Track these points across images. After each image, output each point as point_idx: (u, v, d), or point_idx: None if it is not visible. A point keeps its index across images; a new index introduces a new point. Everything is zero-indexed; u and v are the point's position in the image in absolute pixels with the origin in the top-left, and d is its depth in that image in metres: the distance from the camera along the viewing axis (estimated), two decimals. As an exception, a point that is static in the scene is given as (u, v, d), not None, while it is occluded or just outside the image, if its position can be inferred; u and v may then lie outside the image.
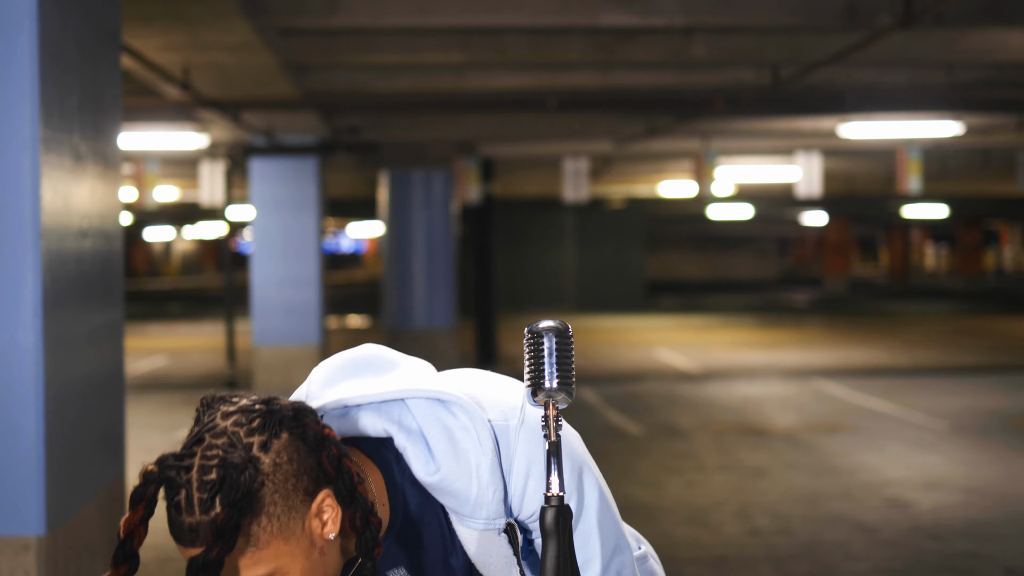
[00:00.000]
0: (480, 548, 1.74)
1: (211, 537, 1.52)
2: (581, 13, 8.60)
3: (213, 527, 1.52)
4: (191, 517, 1.53)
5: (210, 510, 1.52)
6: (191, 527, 1.53)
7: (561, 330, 1.66)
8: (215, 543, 1.51)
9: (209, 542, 1.52)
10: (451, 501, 1.73)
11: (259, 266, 14.37)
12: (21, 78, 3.59)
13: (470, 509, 1.72)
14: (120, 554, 1.55)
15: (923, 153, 18.09)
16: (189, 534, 1.54)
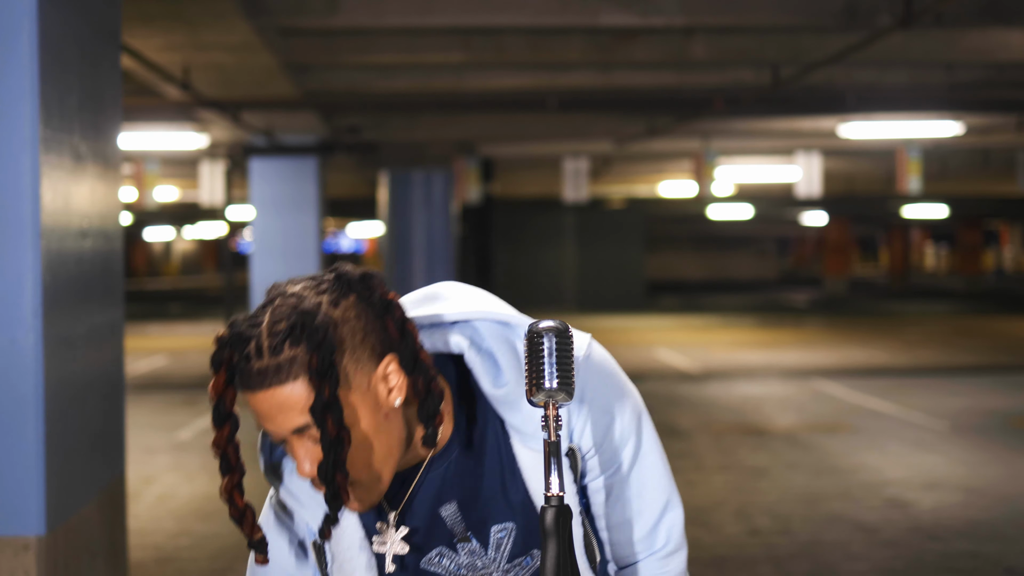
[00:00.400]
0: (536, 467, 1.77)
1: (315, 381, 1.59)
2: (581, 13, 8.61)
3: (310, 370, 1.59)
4: (259, 361, 1.60)
5: (279, 353, 1.60)
6: (259, 371, 1.60)
7: (561, 330, 1.66)
8: (321, 383, 1.59)
9: (315, 384, 1.59)
10: (515, 417, 1.76)
11: (259, 266, 14.38)
12: (21, 78, 3.59)
13: (533, 427, 1.76)
14: (217, 416, 1.65)
15: (923, 153, 18.10)
16: (257, 377, 1.60)
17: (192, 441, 10.93)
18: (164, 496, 8.49)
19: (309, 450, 1.65)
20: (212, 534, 7.39)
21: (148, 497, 8.44)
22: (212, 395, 1.65)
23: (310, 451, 1.65)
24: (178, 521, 7.73)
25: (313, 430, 1.63)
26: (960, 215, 37.31)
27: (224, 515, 7.85)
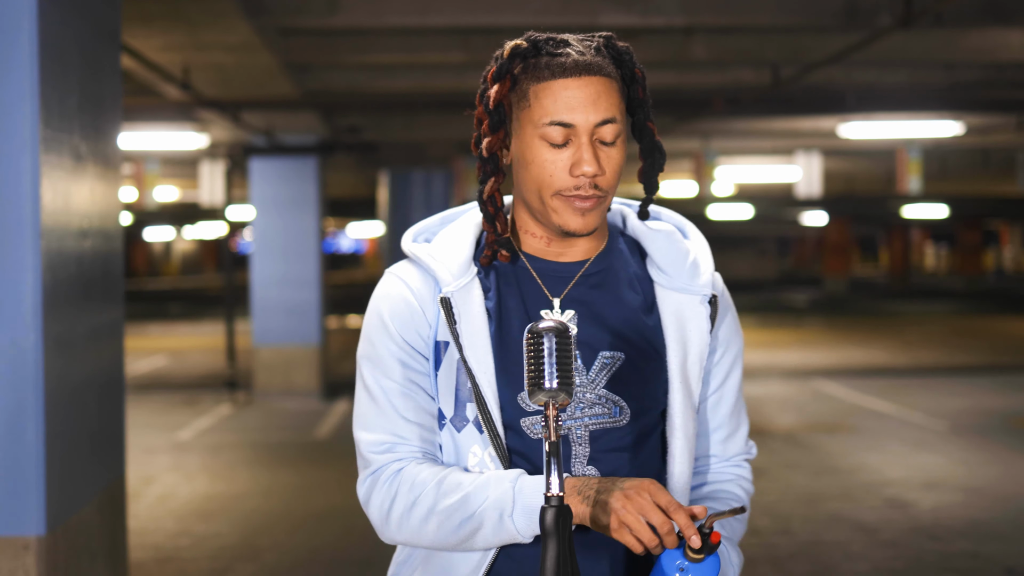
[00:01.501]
0: (677, 315, 1.95)
1: (623, 87, 1.89)
2: (581, 13, 8.61)
3: (623, 76, 1.89)
4: (583, 57, 1.84)
5: (599, 54, 1.86)
6: (587, 62, 1.84)
7: (561, 330, 1.66)
8: (631, 87, 1.91)
9: (624, 90, 1.90)
10: (658, 254, 1.99)
11: (259, 266, 14.38)
12: (21, 78, 3.59)
13: (674, 269, 1.98)
14: (498, 119, 1.88)
15: (923, 153, 18.10)
16: (584, 65, 1.84)
17: (192, 441, 10.93)
18: (164, 496, 8.49)
19: (604, 156, 1.85)
20: (212, 534, 7.39)
21: (148, 497, 8.44)
22: (493, 100, 1.86)
23: (605, 157, 1.85)
24: (178, 521, 7.72)
25: (610, 131, 1.84)
26: (960, 215, 37.29)
27: (224, 515, 7.86)
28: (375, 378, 1.92)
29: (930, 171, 22.45)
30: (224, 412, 12.84)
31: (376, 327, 1.95)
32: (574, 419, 1.88)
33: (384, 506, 1.88)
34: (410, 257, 1.98)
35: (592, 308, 1.93)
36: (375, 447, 1.90)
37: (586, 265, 1.95)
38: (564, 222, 1.87)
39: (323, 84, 11.83)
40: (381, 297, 1.97)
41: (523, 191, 1.91)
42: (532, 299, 1.92)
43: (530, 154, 1.86)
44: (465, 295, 1.90)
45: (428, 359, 1.91)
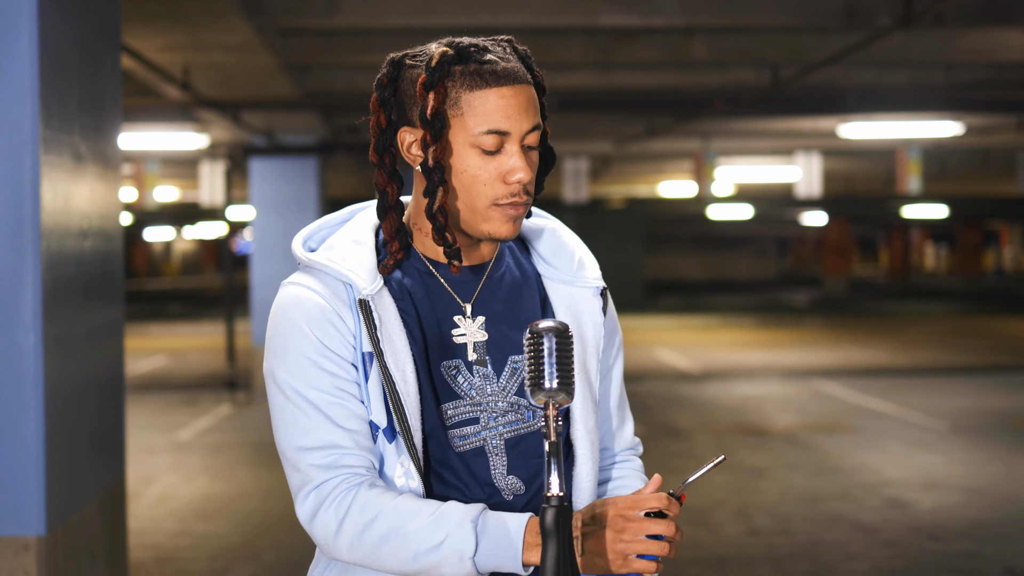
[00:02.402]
0: (570, 308, 1.96)
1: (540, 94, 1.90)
2: (581, 13, 8.61)
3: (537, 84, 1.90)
4: (509, 63, 1.85)
5: (520, 62, 1.88)
6: (516, 69, 1.85)
7: (561, 330, 1.66)
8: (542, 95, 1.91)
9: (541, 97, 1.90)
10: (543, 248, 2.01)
11: (259, 266, 14.38)
12: (21, 78, 3.59)
13: (558, 261, 1.99)
14: (438, 126, 1.85)
15: (923, 153, 18.09)
16: (515, 73, 1.85)
17: (192, 441, 10.93)
18: (164, 496, 8.49)
19: (529, 161, 1.87)
20: (212, 534, 7.39)
21: (148, 497, 8.44)
22: (433, 108, 1.84)
23: (530, 163, 1.87)
24: (178, 521, 7.72)
25: (536, 137, 1.87)
26: (960, 215, 37.30)
27: (224, 515, 7.86)
28: (299, 390, 1.85)
29: (930, 171, 22.44)
30: (224, 412, 12.84)
31: (292, 337, 1.87)
32: (488, 430, 1.87)
33: (331, 525, 1.81)
34: (307, 266, 1.92)
35: (499, 312, 1.92)
36: (315, 460, 1.82)
37: (488, 268, 1.94)
38: (495, 230, 1.86)
39: (323, 84, 11.83)
40: (291, 308, 1.89)
41: (448, 200, 1.88)
42: (443, 305, 1.90)
43: (461, 163, 1.85)
44: (380, 300, 1.86)
45: (355, 366, 1.85)
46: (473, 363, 1.89)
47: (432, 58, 1.85)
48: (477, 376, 1.89)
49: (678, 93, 12.29)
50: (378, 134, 1.92)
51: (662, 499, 1.74)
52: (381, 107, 1.91)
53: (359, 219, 1.97)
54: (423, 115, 1.85)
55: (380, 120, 1.91)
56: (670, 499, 1.74)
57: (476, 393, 1.88)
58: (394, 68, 1.90)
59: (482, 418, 1.87)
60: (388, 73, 1.90)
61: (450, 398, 1.87)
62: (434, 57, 1.85)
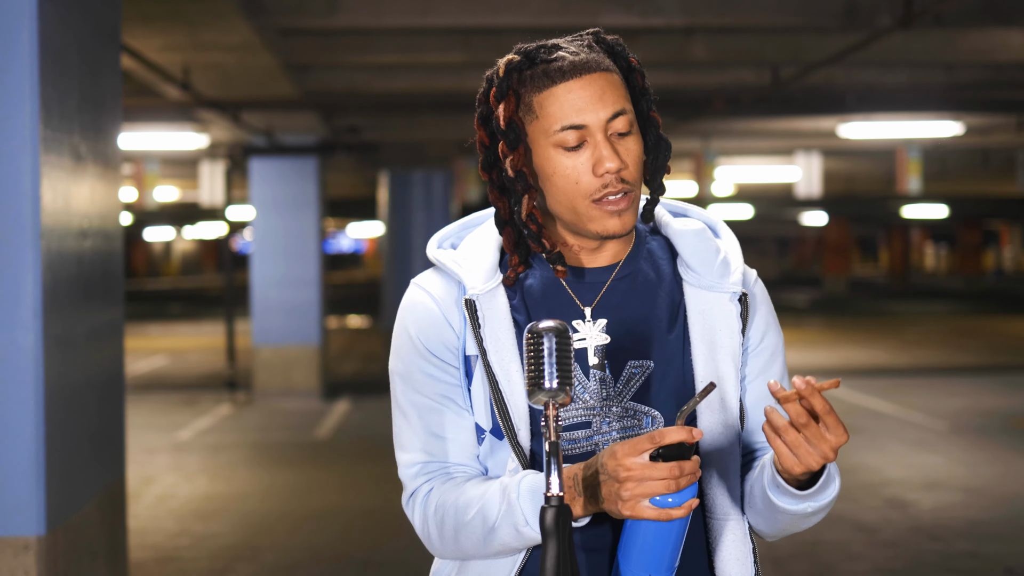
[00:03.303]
0: (705, 315, 1.90)
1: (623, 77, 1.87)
2: (581, 13, 8.61)
3: (621, 66, 1.87)
4: (577, 56, 1.83)
5: (592, 50, 1.85)
6: (584, 60, 1.82)
7: (561, 330, 1.66)
8: (631, 75, 1.88)
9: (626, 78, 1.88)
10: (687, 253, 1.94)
11: (259, 266, 14.38)
12: (21, 78, 3.59)
13: (703, 267, 1.92)
14: (515, 137, 1.83)
15: (923, 153, 18.11)
16: (582, 64, 1.82)
17: (192, 441, 10.93)
18: (164, 496, 8.49)
19: (623, 149, 1.83)
20: (212, 534, 7.39)
21: (148, 497, 8.44)
22: (506, 118, 1.82)
23: (623, 150, 1.83)
24: (178, 521, 7.73)
25: (623, 122, 1.82)
26: (960, 215, 37.29)
27: (224, 515, 7.86)
28: (406, 395, 1.89)
29: (930, 171, 22.46)
30: (224, 412, 12.84)
31: (403, 341, 1.90)
32: (600, 434, 1.85)
33: (424, 529, 1.87)
34: (435, 264, 1.94)
35: (622, 315, 1.88)
36: (408, 468, 1.89)
37: (615, 270, 1.91)
38: (602, 227, 1.83)
39: (323, 84, 11.83)
40: (406, 309, 1.92)
41: (551, 204, 1.86)
42: (562, 309, 1.88)
43: (549, 166, 1.83)
44: (490, 300, 1.86)
45: (458, 369, 1.87)
46: (591, 367, 1.86)
47: (499, 68, 1.85)
48: (593, 380, 1.86)
49: (678, 93, 12.28)
50: (483, 151, 1.89)
51: (653, 437, 1.68)
52: (482, 125, 1.89)
53: (489, 223, 1.97)
54: (496, 125, 1.85)
55: (483, 138, 1.89)
56: (662, 433, 1.67)
57: (590, 397, 1.85)
58: (489, 84, 1.89)
59: (594, 422, 1.85)
60: (486, 91, 1.89)
61: None
62: (500, 67, 1.85)
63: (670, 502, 1.68)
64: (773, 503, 1.82)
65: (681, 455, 1.69)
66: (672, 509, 1.68)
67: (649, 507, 1.68)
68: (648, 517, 1.69)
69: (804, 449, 1.70)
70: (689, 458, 1.69)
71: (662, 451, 1.69)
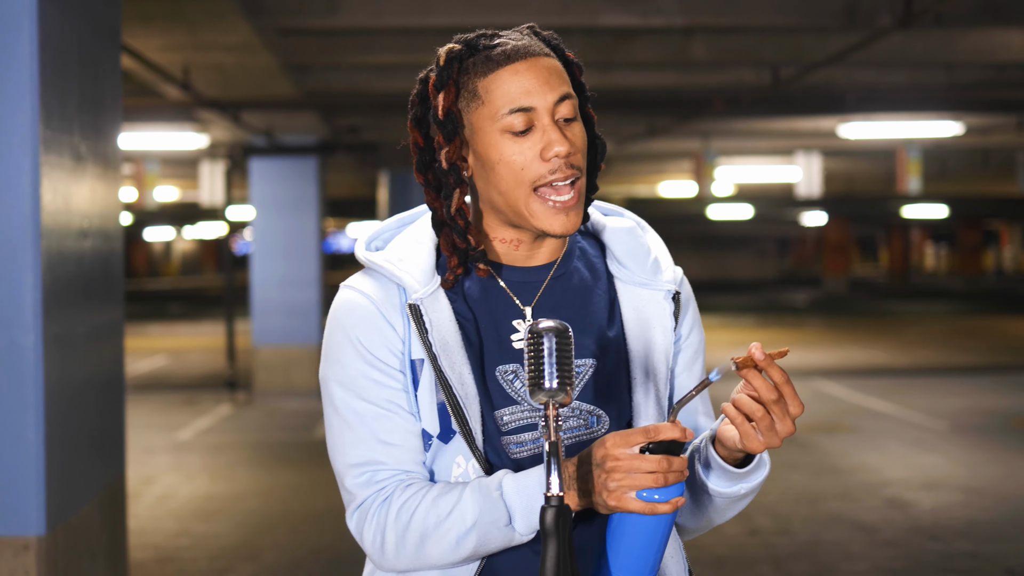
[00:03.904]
0: (639, 311, 1.89)
1: (565, 63, 1.86)
2: (581, 13, 8.61)
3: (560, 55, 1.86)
4: (521, 40, 1.83)
5: (533, 38, 1.86)
6: (527, 45, 1.82)
7: (561, 330, 1.66)
8: (571, 65, 1.87)
9: (567, 65, 1.86)
10: (617, 247, 1.93)
11: (259, 266, 14.38)
12: (21, 79, 3.59)
13: (634, 264, 1.91)
14: (452, 128, 1.80)
15: (923, 153, 18.11)
16: (525, 48, 1.81)
17: (192, 441, 10.93)
18: (164, 496, 8.49)
19: (570, 134, 1.80)
20: (212, 534, 7.39)
21: (148, 497, 8.44)
22: (444, 108, 1.79)
23: (571, 136, 1.80)
24: (178, 521, 7.73)
25: (569, 107, 1.79)
26: (960, 215, 37.30)
27: (224, 515, 7.86)
28: (347, 402, 1.81)
29: (930, 171, 22.45)
30: (224, 412, 12.85)
31: (342, 346, 1.82)
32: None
33: (376, 540, 1.80)
34: (367, 267, 1.88)
35: (562, 315, 1.85)
36: (356, 479, 1.81)
37: (553, 268, 1.88)
38: (547, 226, 1.79)
39: (323, 84, 11.83)
40: (343, 313, 1.84)
41: (492, 196, 1.82)
42: (501, 309, 1.84)
43: (495, 153, 1.79)
44: (433, 302, 1.81)
45: (404, 375, 1.81)
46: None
47: (439, 57, 1.82)
48: None
49: (678, 93, 12.29)
50: (418, 154, 1.86)
51: (648, 431, 1.67)
52: (416, 126, 1.86)
53: (423, 220, 1.92)
54: (435, 116, 1.81)
55: (417, 139, 1.86)
56: (656, 429, 1.67)
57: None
58: (424, 85, 1.87)
59: (541, 424, 1.79)
60: (419, 92, 1.87)
61: (506, 403, 1.82)
62: (441, 56, 1.82)
63: (656, 498, 1.68)
64: (707, 488, 1.83)
65: (670, 452, 1.69)
66: (658, 504, 1.68)
67: (635, 499, 1.68)
68: (634, 509, 1.68)
69: (767, 424, 1.74)
70: (678, 455, 1.69)
71: (652, 446, 1.68)
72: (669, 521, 1.72)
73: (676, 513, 1.72)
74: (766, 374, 1.73)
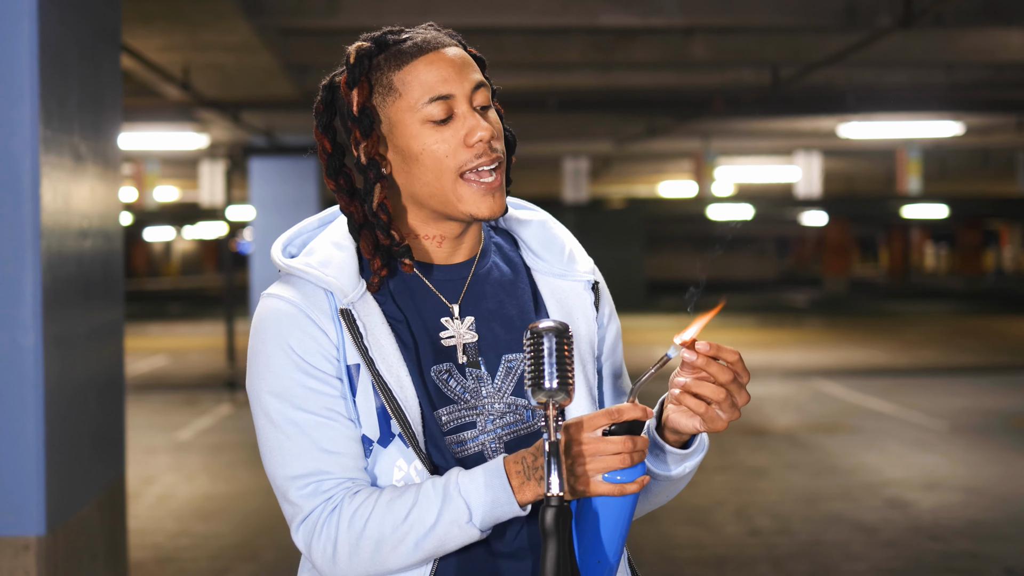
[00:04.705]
0: (562, 302, 1.90)
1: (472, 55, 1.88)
2: (581, 13, 8.61)
3: (465, 47, 1.88)
4: (429, 32, 1.88)
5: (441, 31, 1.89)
6: (435, 36, 1.86)
7: (561, 330, 1.66)
8: (481, 62, 1.89)
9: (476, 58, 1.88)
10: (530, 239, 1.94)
11: (259, 266, 14.38)
12: (21, 79, 3.60)
13: (547, 253, 1.92)
14: (366, 123, 1.80)
15: (923, 153, 18.12)
16: (436, 38, 1.86)
17: (192, 441, 10.93)
18: (164, 496, 8.49)
19: (488, 120, 1.82)
20: (212, 534, 7.40)
21: (148, 497, 8.44)
22: (359, 103, 1.80)
23: (489, 122, 1.82)
24: (178, 521, 7.73)
25: (484, 95, 1.81)
26: (960, 215, 37.30)
27: (224, 515, 7.86)
28: (284, 413, 1.77)
29: (930, 171, 22.46)
30: (224, 412, 12.85)
31: (273, 355, 1.78)
32: (486, 433, 1.81)
33: (327, 550, 1.75)
34: (288, 274, 1.83)
35: (489, 310, 1.85)
36: (299, 491, 1.76)
37: (474, 265, 1.88)
38: (476, 209, 1.80)
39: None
40: (271, 322, 1.79)
41: (416, 189, 1.81)
42: (429, 307, 1.83)
43: (417, 144, 1.79)
44: (364, 307, 1.79)
45: (341, 381, 1.78)
46: (465, 365, 1.82)
47: (349, 56, 1.83)
48: (470, 378, 1.82)
49: (678, 93, 12.29)
50: (327, 159, 1.85)
51: (611, 413, 1.67)
52: (324, 133, 1.85)
53: (342, 220, 1.89)
54: (350, 113, 1.81)
55: (325, 146, 1.85)
56: (619, 410, 1.68)
57: (470, 396, 1.82)
58: (328, 91, 1.87)
59: (479, 422, 1.82)
60: (324, 98, 1.86)
61: (444, 403, 1.81)
62: (351, 54, 1.82)
63: (619, 479, 1.69)
64: (655, 474, 1.85)
65: (631, 432, 1.70)
66: (626, 484, 1.69)
67: (604, 483, 1.68)
68: (603, 492, 1.68)
69: (729, 403, 1.76)
70: (639, 435, 1.70)
71: (614, 428, 1.69)
72: (633, 501, 1.74)
73: (639, 493, 1.73)
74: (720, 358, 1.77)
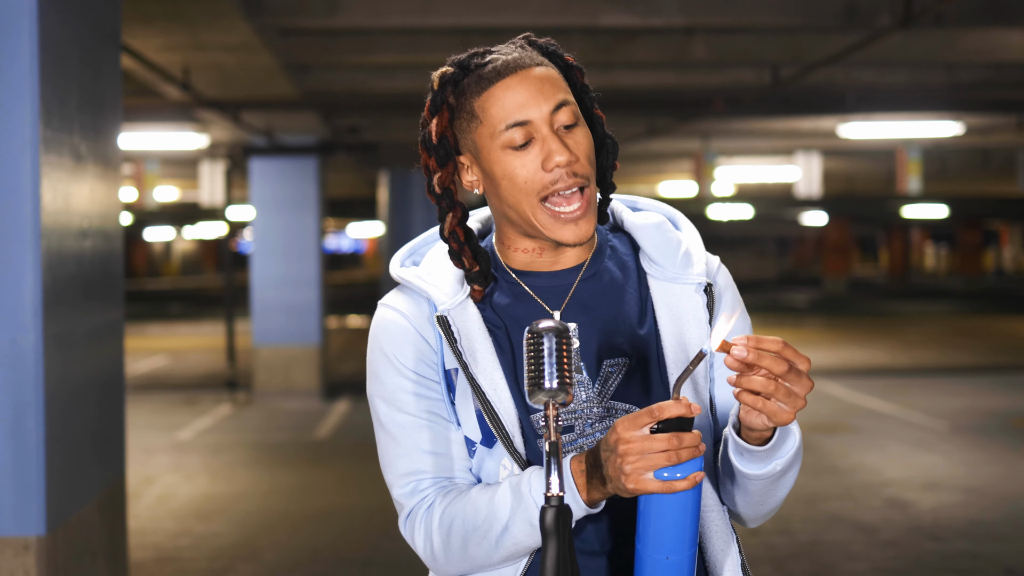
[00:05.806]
0: (672, 307, 1.89)
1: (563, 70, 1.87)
2: (581, 13, 8.60)
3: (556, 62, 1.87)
4: (512, 54, 1.82)
5: (525, 49, 1.85)
6: (517, 57, 1.82)
7: (561, 330, 1.66)
8: (569, 70, 1.88)
9: (565, 72, 1.88)
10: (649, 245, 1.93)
11: (259, 266, 14.38)
12: (21, 78, 3.59)
13: (665, 259, 1.91)
14: (445, 153, 1.85)
15: (923, 153, 18.11)
16: (515, 61, 1.81)
17: (192, 441, 10.93)
18: (164, 496, 8.49)
19: (572, 141, 1.81)
20: (212, 534, 7.40)
21: (148, 497, 8.44)
22: (437, 133, 1.83)
23: (572, 143, 1.81)
24: (178, 521, 7.73)
25: (568, 114, 1.80)
26: (960, 215, 37.29)
27: (224, 515, 7.86)
28: (390, 416, 1.87)
29: (930, 171, 22.45)
30: (224, 412, 12.85)
31: (380, 362, 1.90)
32: (584, 437, 1.85)
33: (427, 547, 1.85)
34: (400, 283, 1.93)
35: (592, 316, 1.87)
36: (402, 488, 1.87)
37: (581, 271, 1.89)
38: (559, 237, 1.82)
39: (323, 84, 11.83)
40: (378, 331, 1.91)
41: (504, 210, 1.85)
42: (532, 316, 1.86)
43: (499, 169, 1.81)
44: (461, 313, 1.85)
45: (440, 384, 1.86)
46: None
47: (433, 82, 1.84)
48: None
49: (678, 93, 12.28)
50: (429, 175, 1.90)
51: (652, 411, 1.66)
52: (425, 150, 1.89)
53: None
54: (428, 140, 1.84)
55: (429, 164, 1.89)
56: (660, 408, 1.66)
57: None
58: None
59: (577, 425, 1.85)
60: (423, 117, 1.90)
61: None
62: (435, 80, 1.84)
63: (667, 476, 1.67)
64: (743, 474, 1.82)
65: (681, 429, 1.68)
66: (676, 481, 1.67)
67: (653, 480, 1.67)
68: (652, 490, 1.67)
69: (785, 392, 1.78)
70: (689, 431, 1.68)
71: (661, 425, 1.68)
72: (695, 496, 1.71)
73: (700, 488, 1.71)
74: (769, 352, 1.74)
